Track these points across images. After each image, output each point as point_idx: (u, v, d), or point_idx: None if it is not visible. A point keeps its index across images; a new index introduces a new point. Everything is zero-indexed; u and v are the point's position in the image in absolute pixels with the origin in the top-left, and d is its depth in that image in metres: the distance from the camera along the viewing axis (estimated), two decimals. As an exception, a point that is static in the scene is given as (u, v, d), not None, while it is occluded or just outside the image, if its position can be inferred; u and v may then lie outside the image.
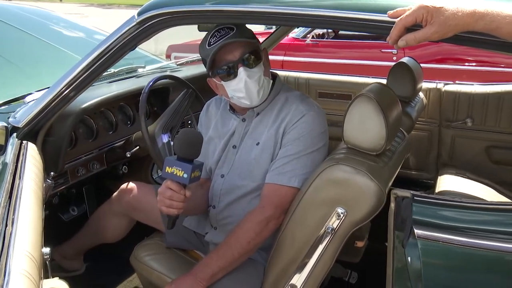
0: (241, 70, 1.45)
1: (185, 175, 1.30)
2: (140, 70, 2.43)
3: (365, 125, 1.37)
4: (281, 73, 2.85)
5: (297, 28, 5.41)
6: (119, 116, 2.12)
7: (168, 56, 5.87)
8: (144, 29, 1.45)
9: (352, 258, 1.86)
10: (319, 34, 5.73)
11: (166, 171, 1.32)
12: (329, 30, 5.84)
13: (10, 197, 1.11)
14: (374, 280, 1.91)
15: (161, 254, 1.69)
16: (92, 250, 2.05)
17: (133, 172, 2.24)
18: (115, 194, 1.89)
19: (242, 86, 1.47)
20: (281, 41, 5.48)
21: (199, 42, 1.54)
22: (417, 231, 1.08)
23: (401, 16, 1.07)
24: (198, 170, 1.34)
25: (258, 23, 1.65)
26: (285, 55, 5.45)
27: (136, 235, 1.96)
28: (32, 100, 1.83)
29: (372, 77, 2.83)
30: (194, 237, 1.75)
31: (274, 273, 1.49)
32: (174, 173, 1.31)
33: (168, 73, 2.32)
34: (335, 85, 2.82)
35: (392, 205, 1.24)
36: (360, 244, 1.88)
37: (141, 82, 2.24)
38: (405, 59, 2.24)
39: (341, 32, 5.97)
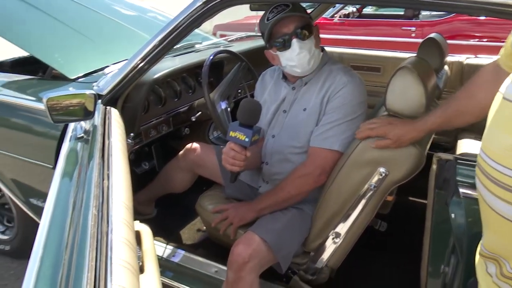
0: (294, 42, 1.39)
1: (247, 139, 1.29)
2: (197, 46, 2.36)
3: (406, 94, 1.28)
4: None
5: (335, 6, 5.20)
6: (182, 85, 2.07)
7: (214, 34, 5.75)
8: (209, 8, 1.37)
9: (383, 210, 1.80)
10: (345, 14, 5.49)
11: (230, 135, 1.31)
12: (354, 10, 5.59)
13: (103, 155, 1.09)
14: (401, 229, 1.87)
15: (221, 203, 1.67)
16: (162, 198, 2.06)
17: (194, 133, 2.21)
18: (181, 152, 1.86)
19: (294, 56, 1.40)
20: (313, 20, 5.34)
21: (240, 22, 1.47)
22: (461, 191, 1.01)
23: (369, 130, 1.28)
24: (257, 135, 1.32)
25: (307, 1, 1.55)
26: (315, 32, 5.26)
27: (198, 187, 1.95)
28: (110, 72, 1.80)
29: (399, 52, 2.68)
30: (248, 190, 1.72)
31: (320, 222, 1.46)
32: (237, 137, 1.30)
33: (222, 48, 2.24)
34: (365, 58, 2.69)
35: (434, 166, 1.16)
36: (389, 198, 1.82)
37: (199, 56, 2.18)
38: (433, 35, 2.08)
39: (364, 11, 5.71)
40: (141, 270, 1.09)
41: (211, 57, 1.86)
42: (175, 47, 2.21)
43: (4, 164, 1.85)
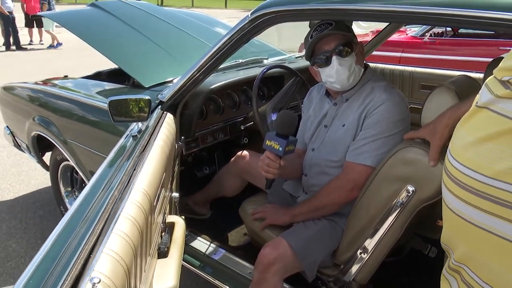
0: (334, 59, 1.45)
1: (280, 149, 1.37)
2: (264, 61, 2.50)
3: (441, 112, 1.26)
4: (387, 66, 2.71)
5: (406, 25, 5.02)
6: (242, 97, 2.22)
7: (300, 51, 5.88)
8: (256, 26, 1.49)
9: (433, 235, 1.74)
10: (437, 32, 5.25)
11: (266, 143, 1.40)
12: (448, 29, 5.32)
13: (144, 151, 1.27)
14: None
15: (262, 209, 1.76)
16: (217, 201, 2.21)
17: (253, 142, 2.34)
18: (232, 159, 2.01)
19: (333, 72, 1.46)
20: (400, 39, 5.20)
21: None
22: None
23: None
24: (292, 145, 1.39)
25: (356, 19, 1.58)
26: (403, 51, 5.12)
27: (249, 193, 2.06)
28: (176, 82, 2.03)
29: (473, 72, 2.54)
30: (289, 198, 1.79)
31: (350, 235, 1.48)
32: (272, 146, 1.38)
33: (285, 64, 2.36)
34: (437, 78, 2.59)
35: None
36: (441, 223, 1.75)
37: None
38: (504, 55, 1.96)
39: (461, 30, 5.40)
40: (166, 254, 1.24)
41: (264, 71, 1.99)
42: (241, 61, 2.40)
43: (87, 157, 2.17)
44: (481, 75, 2.34)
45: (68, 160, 2.37)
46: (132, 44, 2.47)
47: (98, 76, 2.92)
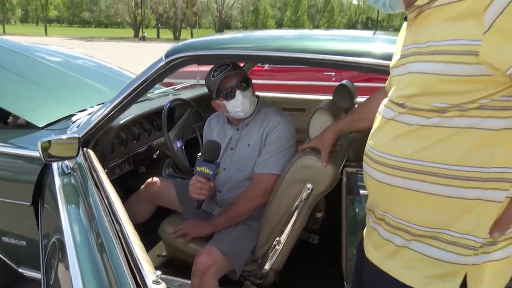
0: (238, 93, 1.81)
1: (211, 172, 1.64)
2: (149, 95, 2.71)
3: (323, 128, 1.73)
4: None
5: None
6: (140, 129, 2.40)
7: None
8: (170, 67, 1.75)
9: (314, 225, 2.21)
10: (274, 61, 6.13)
11: (197, 170, 1.65)
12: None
13: (95, 184, 1.40)
14: (329, 239, 2.29)
15: (181, 227, 1.98)
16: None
17: (149, 171, 2.52)
18: (142, 186, 2.16)
19: (239, 103, 1.82)
20: (245, 68, 5.87)
21: (181, 69, 1.85)
22: (361, 192, 1.45)
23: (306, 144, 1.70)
24: (217, 168, 1.68)
25: (254, 62, 1.97)
26: (248, 78, 5.81)
27: (154, 219, 2.23)
28: (78, 119, 2.10)
29: (320, 95, 3.23)
30: (203, 214, 2.05)
31: (265, 233, 1.82)
32: (203, 171, 1.65)
33: (171, 96, 2.62)
34: (293, 101, 3.20)
35: (344, 178, 1.61)
36: (319, 215, 2.25)
37: (153, 104, 2.54)
38: (344, 82, 2.63)
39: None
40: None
41: (168, 105, 2.23)
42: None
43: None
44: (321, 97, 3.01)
45: None
46: (8, 84, 2.39)
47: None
